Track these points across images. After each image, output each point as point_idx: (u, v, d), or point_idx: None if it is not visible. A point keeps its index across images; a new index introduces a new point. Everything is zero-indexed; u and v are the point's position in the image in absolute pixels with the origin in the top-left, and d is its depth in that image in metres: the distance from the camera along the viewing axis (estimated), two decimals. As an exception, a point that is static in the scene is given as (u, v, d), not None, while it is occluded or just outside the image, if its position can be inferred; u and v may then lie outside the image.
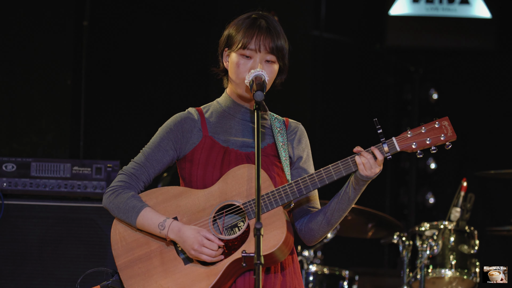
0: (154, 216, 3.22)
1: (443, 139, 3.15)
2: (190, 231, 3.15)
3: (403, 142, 3.15)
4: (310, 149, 3.42)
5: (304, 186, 3.17)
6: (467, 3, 8.40)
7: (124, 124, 7.42)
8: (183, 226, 3.17)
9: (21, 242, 4.88)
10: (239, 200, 3.19)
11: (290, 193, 3.16)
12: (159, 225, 3.20)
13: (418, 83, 8.72)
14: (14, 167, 4.94)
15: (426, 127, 3.17)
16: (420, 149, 3.16)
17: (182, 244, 3.16)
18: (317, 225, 3.29)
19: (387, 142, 3.15)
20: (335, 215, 3.26)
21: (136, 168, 3.33)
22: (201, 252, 3.12)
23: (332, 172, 3.16)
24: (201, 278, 3.15)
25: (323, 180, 3.16)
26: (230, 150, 3.29)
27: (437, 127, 3.16)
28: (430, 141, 3.15)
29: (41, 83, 6.79)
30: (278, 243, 3.09)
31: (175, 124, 3.34)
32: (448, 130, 3.16)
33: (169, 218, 3.21)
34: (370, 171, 3.14)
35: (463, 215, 5.65)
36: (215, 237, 3.14)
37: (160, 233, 3.20)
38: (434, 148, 3.16)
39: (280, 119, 3.41)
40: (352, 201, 3.24)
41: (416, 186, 8.66)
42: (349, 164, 3.16)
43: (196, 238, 3.13)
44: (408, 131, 3.17)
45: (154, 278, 3.22)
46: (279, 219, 3.14)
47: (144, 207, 3.24)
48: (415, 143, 3.15)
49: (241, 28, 3.27)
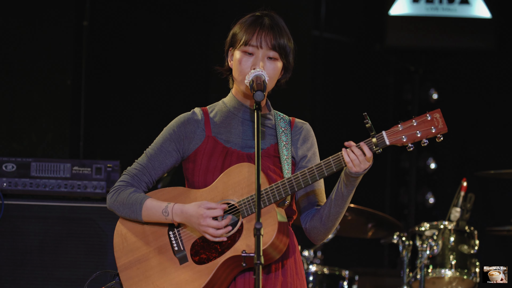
0: (157, 204, 3.23)
1: (433, 131, 3.08)
2: (191, 208, 3.16)
3: (392, 136, 3.09)
4: (317, 148, 3.41)
5: (296, 183, 3.15)
6: (467, 3, 8.40)
7: (124, 124, 7.42)
8: (184, 206, 3.19)
9: (21, 242, 4.88)
10: (234, 199, 3.19)
11: (283, 190, 3.15)
12: (163, 211, 3.21)
13: (418, 83, 8.72)
14: (14, 167, 4.94)
15: (417, 120, 3.10)
16: (410, 142, 3.09)
17: (189, 223, 3.17)
18: (318, 222, 3.29)
19: (376, 136, 3.10)
20: (332, 213, 3.25)
21: (138, 169, 3.35)
22: (207, 225, 3.12)
23: (323, 168, 3.14)
24: (195, 277, 3.16)
25: (314, 177, 3.15)
26: (232, 150, 3.30)
27: (429, 119, 3.09)
28: (420, 134, 3.08)
29: (41, 83, 6.79)
30: (269, 240, 3.08)
31: (178, 125, 3.34)
32: (439, 122, 3.08)
33: (170, 203, 3.22)
34: (359, 167, 3.10)
35: (463, 215, 5.65)
36: (216, 204, 3.15)
37: (166, 219, 3.22)
38: (425, 141, 3.10)
39: (286, 119, 3.40)
40: (347, 197, 3.22)
41: (416, 186, 8.66)
42: (340, 160, 3.13)
43: (198, 212, 3.13)
44: (399, 125, 3.11)
45: (151, 279, 3.23)
46: (271, 216, 3.13)
47: (146, 198, 3.26)
48: (404, 136, 3.09)
49: (244, 26, 3.28)
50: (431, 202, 8.61)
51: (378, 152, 3.11)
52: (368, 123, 3.08)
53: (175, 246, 3.23)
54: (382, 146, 3.11)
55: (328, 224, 3.28)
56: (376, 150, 3.10)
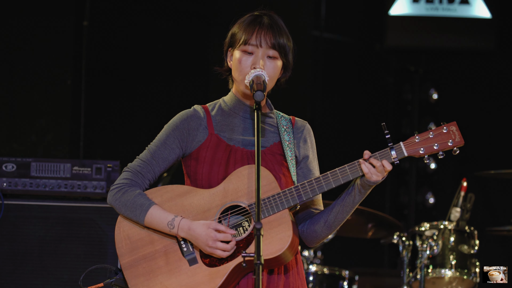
0: (163, 215, 3.20)
1: (450, 144, 3.12)
2: (200, 228, 3.14)
3: (410, 147, 3.12)
4: (315, 148, 3.41)
5: (311, 189, 3.15)
6: (467, 3, 8.40)
7: (124, 124, 7.42)
8: (192, 223, 3.16)
9: (21, 242, 4.87)
10: (244, 201, 3.17)
11: (297, 196, 3.15)
12: (168, 224, 3.18)
13: (418, 83, 8.72)
14: (14, 167, 4.94)
15: (434, 132, 3.12)
16: (427, 154, 3.12)
17: (195, 242, 3.15)
18: (319, 227, 3.28)
19: (395, 148, 3.12)
20: (338, 218, 3.25)
21: (141, 165, 3.31)
22: (216, 248, 3.11)
23: (339, 176, 3.14)
24: (206, 280, 3.14)
25: (330, 184, 3.15)
26: (235, 148, 3.28)
27: (445, 132, 3.12)
28: (438, 147, 3.12)
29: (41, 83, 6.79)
30: (285, 246, 3.09)
31: (181, 121, 3.33)
32: (456, 135, 3.12)
33: (177, 216, 3.19)
34: (377, 176, 3.12)
35: (463, 215, 5.65)
36: (226, 227, 3.13)
37: (170, 232, 3.19)
38: (441, 153, 3.13)
39: (287, 118, 3.40)
40: (357, 204, 3.23)
41: (416, 186, 8.66)
42: (356, 169, 3.13)
43: (208, 234, 3.12)
44: (415, 136, 3.13)
45: (158, 279, 3.20)
46: (285, 222, 3.13)
47: (152, 205, 3.23)
48: (422, 148, 3.11)
49: (243, 26, 3.27)
50: (431, 202, 8.61)
51: (396, 163, 3.13)
52: (387, 134, 3.09)
53: (183, 246, 3.20)
54: (400, 157, 3.13)
55: (331, 229, 3.28)
56: (394, 161, 3.12)
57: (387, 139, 3.11)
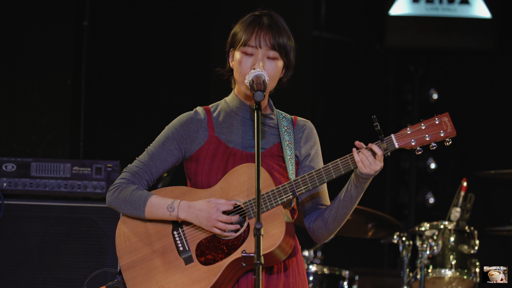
0: (162, 201, 3.22)
1: (442, 135, 3.11)
2: (200, 203, 3.15)
3: (401, 139, 3.12)
4: (319, 146, 3.41)
5: (304, 184, 3.16)
6: (467, 3, 8.40)
7: (124, 124, 7.41)
8: (192, 202, 3.18)
9: (21, 242, 4.88)
10: (240, 200, 3.18)
11: (290, 191, 3.16)
12: (168, 207, 3.20)
13: (418, 83, 8.72)
14: (14, 167, 4.94)
15: (425, 123, 3.12)
16: (419, 145, 3.12)
17: (196, 218, 3.16)
18: (324, 223, 3.29)
19: (385, 139, 3.12)
20: (339, 213, 3.25)
21: (139, 166, 3.33)
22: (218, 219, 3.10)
23: (331, 171, 3.15)
24: (201, 278, 3.15)
25: (322, 179, 3.16)
26: (235, 150, 3.29)
27: (437, 123, 3.12)
28: (429, 138, 3.11)
29: (41, 83, 6.79)
30: (277, 242, 3.09)
31: (181, 124, 3.33)
32: (448, 126, 3.11)
33: (176, 199, 3.20)
34: (369, 168, 3.12)
35: (463, 215, 5.65)
36: (225, 201, 3.15)
37: (171, 215, 3.19)
38: (434, 144, 3.13)
39: (288, 118, 3.40)
40: (355, 199, 3.23)
41: (416, 186, 8.66)
42: (348, 162, 3.14)
43: (209, 206, 3.13)
44: (407, 128, 3.13)
45: (155, 279, 3.22)
46: (278, 218, 3.13)
47: (151, 195, 3.24)
48: (414, 139, 3.11)
49: (243, 26, 3.27)
50: (431, 202, 8.61)
51: (387, 155, 3.13)
52: (377, 126, 3.09)
53: (180, 246, 3.22)
54: (391, 149, 3.13)
55: (334, 225, 3.28)
56: (385, 153, 3.12)
57: (377, 131, 3.10)
